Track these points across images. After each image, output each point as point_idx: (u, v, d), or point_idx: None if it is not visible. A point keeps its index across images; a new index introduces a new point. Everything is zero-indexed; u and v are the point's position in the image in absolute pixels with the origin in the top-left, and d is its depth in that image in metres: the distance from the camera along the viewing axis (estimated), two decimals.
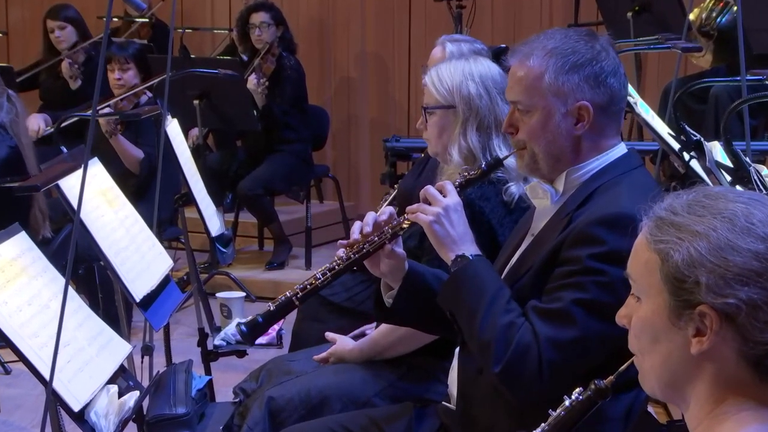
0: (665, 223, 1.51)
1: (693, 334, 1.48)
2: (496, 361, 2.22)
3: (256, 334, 2.50)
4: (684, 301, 1.48)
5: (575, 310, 2.18)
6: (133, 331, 4.50)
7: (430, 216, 2.39)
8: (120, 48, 6.05)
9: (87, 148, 2.44)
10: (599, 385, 1.71)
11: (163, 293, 3.24)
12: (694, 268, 1.46)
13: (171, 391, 2.80)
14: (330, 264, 2.48)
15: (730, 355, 1.47)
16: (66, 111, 6.17)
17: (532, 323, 2.23)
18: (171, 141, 3.86)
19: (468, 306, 2.30)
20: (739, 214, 1.48)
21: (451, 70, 3.08)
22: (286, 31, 6.92)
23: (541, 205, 2.43)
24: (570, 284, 2.21)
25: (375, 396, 3.05)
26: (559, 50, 2.31)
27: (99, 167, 3.21)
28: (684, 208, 1.51)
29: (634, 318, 1.58)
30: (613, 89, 2.32)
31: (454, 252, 2.37)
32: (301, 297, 2.46)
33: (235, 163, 6.93)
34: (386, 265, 2.51)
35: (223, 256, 4.26)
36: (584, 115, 2.31)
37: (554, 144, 2.34)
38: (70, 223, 4.75)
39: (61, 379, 2.36)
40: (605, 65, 2.31)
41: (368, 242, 2.46)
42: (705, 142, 3.10)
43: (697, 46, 4.55)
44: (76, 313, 2.57)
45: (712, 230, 1.47)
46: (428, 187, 2.44)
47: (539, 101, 2.32)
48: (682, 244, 1.48)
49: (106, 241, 3.02)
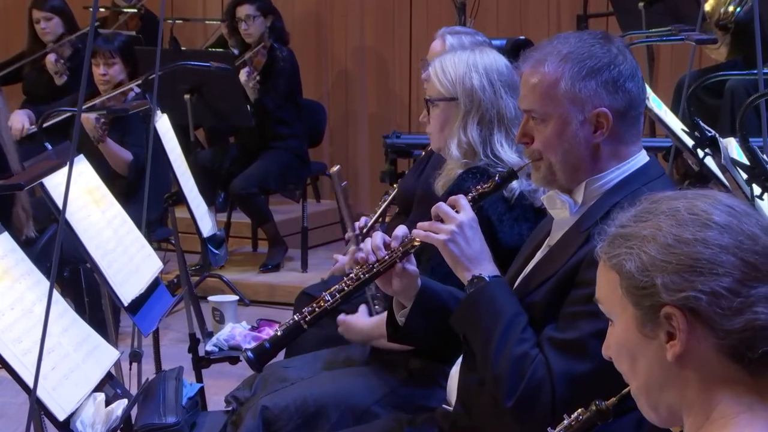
0: (616, 237, 1.55)
1: (666, 339, 1.49)
2: (508, 396, 2.23)
3: (264, 360, 2.54)
4: (648, 308, 1.50)
5: (591, 341, 2.18)
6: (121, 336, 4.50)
7: (443, 235, 2.39)
8: (105, 41, 6.02)
9: (73, 145, 2.43)
10: (600, 406, 1.73)
11: (153, 297, 3.24)
12: (648, 271, 1.49)
13: (160, 399, 2.79)
14: (339, 285, 2.51)
15: (707, 353, 1.48)
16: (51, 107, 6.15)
17: (546, 356, 2.23)
18: (161, 137, 3.86)
19: (483, 331, 2.31)
20: (682, 209, 1.51)
21: (456, 61, 3.09)
22: (276, 20, 6.91)
23: (559, 216, 2.41)
24: (586, 312, 2.20)
25: (375, 404, 3.05)
26: (574, 55, 2.30)
27: (85, 165, 3.21)
28: (631, 219, 1.55)
29: (612, 344, 1.61)
30: (631, 94, 2.31)
31: (470, 272, 2.38)
32: (310, 320, 2.50)
33: (228, 161, 6.93)
34: (398, 284, 2.52)
35: (216, 258, 4.26)
36: (603, 123, 2.30)
37: (572, 153, 2.32)
38: (54, 223, 4.75)
39: (45, 387, 2.36)
40: (623, 69, 2.30)
41: (378, 261, 2.48)
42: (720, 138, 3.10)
43: (711, 38, 4.55)
44: (61, 317, 2.57)
45: (658, 230, 1.50)
46: (440, 204, 2.45)
47: (555, 109, 2.31)
48: (633, 252, 1.51)
49: (92, 242, 3.01)
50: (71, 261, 5.02)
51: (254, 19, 6.76)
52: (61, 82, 6.88)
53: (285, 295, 6.16)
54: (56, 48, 6.87)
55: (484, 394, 2.35)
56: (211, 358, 3.90)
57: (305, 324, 2.49)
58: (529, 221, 2.98)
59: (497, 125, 3.06)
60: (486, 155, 3.06)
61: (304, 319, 2.49)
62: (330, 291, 2.50)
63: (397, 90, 8.08)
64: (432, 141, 3.25)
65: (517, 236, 2.94)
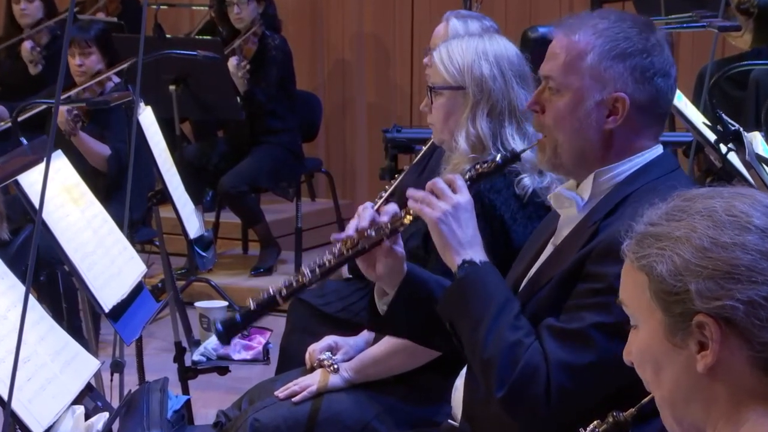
0: (645, 236, 1.54)
1: (697, 350, 1.49)
2: (499, 384, 2.22)
3: (233, 333, 2.50)
4: (679, 315, 1.49)
5: (595, 333, 2.18)
6: (102, 345, 4.51)
7: (437, 212, 2.37)
8: (80, 29, 5.95)
9: (50, 140, 2.43)
10: (618, 417, 1.71)
11: (135, 303, 3.25)
12: (681, 276, 1.48)
13: (144, 412, 2.80)
14: (319, 260, 2.45)
15: (740, 365, 1.48)
16: (24, 98, 6.15)
17: (543, 344, 2.23)
18: (144, 132, 3.87)
19: (471, 317, 2.30)
20: (719, 209, 1.50)
21: (463, 47, 3.09)
22: (269, 5, 6.92)
23: (566, 215, 2.42)
24: (593, 304, 2.21)
25: (374, 419, 3.05)
26: (609, 32, 2.31)
27: (63, 161, 3.21)
28: (662, 217, 1.54)
29: (634, 349, 1.60)
30: (659, 90, 2.32)
31: (460, 256, 2.36)
32: (286, 294, 2.44)
33: (216, 156, 6.93)
34: (383, 266, 2.48)
35: (203, 261, 4.27)
36: (618, 108, 2.30)
37: (580, 134, 2.33)
38: (30, 223, 4.76)
39: (20, 399, 2.36)
40: (656, 61, 2.31)
41: (364, 238, 2.44)
42: (744, 132, 3.11)
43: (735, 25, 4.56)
44: (37, 324, 2.58)
45: (693, 232, 1.49)
46: (437, 180, 2.43)
47: (574, 81, 2.32)
48: (664, 254, 1.50)
49: (71, 243, 3.02)
50: (48, 264, 5.03)
51: (248, 2, 6.77)
52: (36, 72, 6.88)
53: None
54: (33, 34, 6.87)
55: (491, 406, 2.35)
56: (198, 368, 3.91)
57: (281, 298, 2.43)
58: (542, 218, 2.98)
59: (508, 117, 3.06)
60: (497, 149, 3.06)
61: (279, 293, 2.43)
62: (310, 266, 2.44)
63: (398, 80, 8.09)
64: (434, 132, 3.25)
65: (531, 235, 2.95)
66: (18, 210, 4.82)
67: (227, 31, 6.96)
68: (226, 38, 6.87)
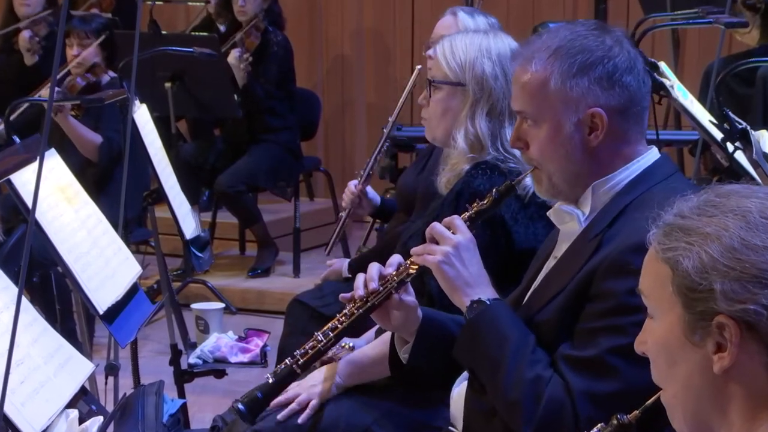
0: (674, 229, 1.53)
1: (714, 350, 1.48)
2: (526, 424, 2.22)
3: (256, 412, 2.56)
4: (699, 314, 1.49)
5: (613, 359, 2.17)
6: (96, 347, 4.51)
7: (438, 256, 2.40)
8: (82, 21, 6.06)
9: (44, 139, 2.42)
10: (622, 420, 1.72)
11: (131, 304, 3.24)
12: (706, 273, 1.47)
13: (139, 416, 2.80)
14: (332, 323, 2.54)
15: (757, 370, 1.47)
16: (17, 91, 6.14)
17: (563, 375, 2.23)
18: (139, 130, 3.86)
19: (489, 358, 2.31)
20: (754, 210, 1.49)
21: (466, 42, 3.09)
22: (274, 3, 6.93)
23: (568, 229, 2.41)
24: (605, 328, 2.20)
25: (373, 423, 3.04)
26: (564, 50, 2.31)
27: (57, 160, 3.21)
28: (693, 211, 1.53)
29: (649, 340, 1.60)
30: (630, 88, 2.31)
31: (468, 296, 2.38)
32: (303, 364, 2.54)
33: (213, 155, 6.93)
34: (397, 318, 2.52)
35: (199, 262, 4.26)
36: (598, 124, 2.30)
37: (569, 160, 2.33)
38: (23, 223, 4.75)
39: (13, 403, 2.36)
40: (619, 62, 2.30)
41: (372, 294, 2.49)
42: (752, 130, 3.10)
43: (742, 21, 4.56)
44: (30, 326, 2.57)
45: (724, 230, 1.48)
46: (434, 225, 2.45)
47: (546, 110, 2.32)
48: (692, 249, 1.49)
49: (64, 244, 3.01)
50: (41, 265, 5.02)
51: None
52: (32, 62, 6.86)
53: (275, 303, 6.15)
54: (30, 24, 6.86)
55: (493, 424, 2.34)
56: (195, 371, 3.91)
57: (298, 369, 2.54)
58: (543, 218, 2.98)
59: (508, 118, 3.06)
60: (496, 149, 3.06)
61: (296, 363, 2.53)
62: (323, 330, 2.53)
63: (399, 77, 8.07)
64: (427, 128, 3.24)
65: (533, 236, 2.95)
66: (10, 210, 4.84)
67: (226, 27, 6.95)
68: (224, 34, 6.86)
